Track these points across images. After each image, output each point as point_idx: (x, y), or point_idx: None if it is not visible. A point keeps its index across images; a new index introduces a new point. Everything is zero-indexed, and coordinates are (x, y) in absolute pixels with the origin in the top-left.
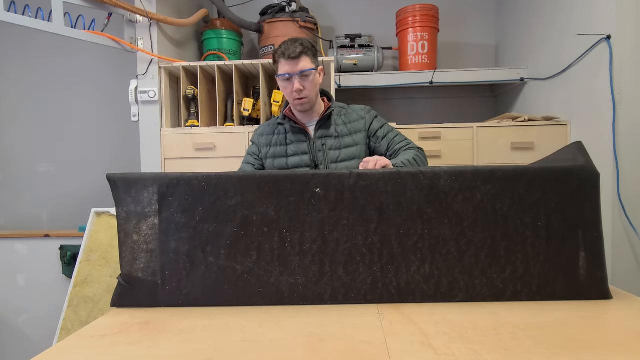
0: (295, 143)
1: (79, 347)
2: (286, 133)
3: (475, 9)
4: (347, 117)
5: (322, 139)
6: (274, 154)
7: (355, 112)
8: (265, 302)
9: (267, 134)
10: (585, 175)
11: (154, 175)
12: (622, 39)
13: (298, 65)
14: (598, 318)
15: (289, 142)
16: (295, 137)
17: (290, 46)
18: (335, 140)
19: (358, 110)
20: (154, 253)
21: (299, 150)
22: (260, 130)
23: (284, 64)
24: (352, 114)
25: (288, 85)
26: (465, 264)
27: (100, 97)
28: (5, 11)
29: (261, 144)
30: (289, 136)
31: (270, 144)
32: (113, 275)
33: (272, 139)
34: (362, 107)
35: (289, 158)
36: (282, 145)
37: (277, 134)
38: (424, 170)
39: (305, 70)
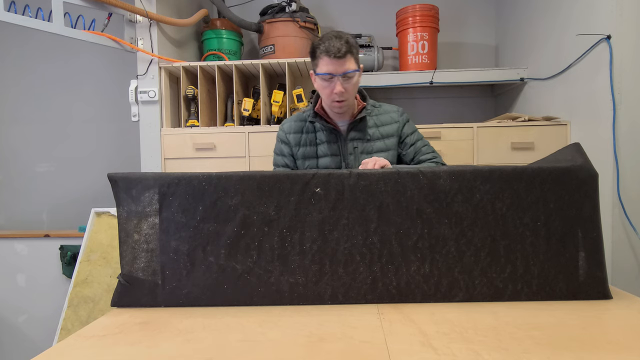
0: (326, 143)
1: (79, 347)
2: (316, 132)
3: (475, 9)
4: (379, 118)
5: (354, 141)
6: (304, 154)
7: (387, 114)
8: (266, 301)
9: (295, 132)
10: (584, 175)
11: (155, 174)
12: (622, 39)
13: (343, 66)
14: (598, 318)
15: (319, 141)
16: (326, 136)
17: (336, 43)
18: (367, 143)
19: (391, 112)
20: (154, 252)
21: (330, 151)
22: (286, 127)
23: (326, 62)
24: (384, 116)
25: (328, 86)
26: (464, 263)
27: (101, 97)
28: (5, 11)
29: (292, 143)
30: (319, 135)
31: (300, 144)
32: (113, 275)
33: (301, 138)
34: (395, 110)
35: (320, 159)
36: (312, 145)
37: (306, 132)
38: (423, 170)
39: (349, 71)
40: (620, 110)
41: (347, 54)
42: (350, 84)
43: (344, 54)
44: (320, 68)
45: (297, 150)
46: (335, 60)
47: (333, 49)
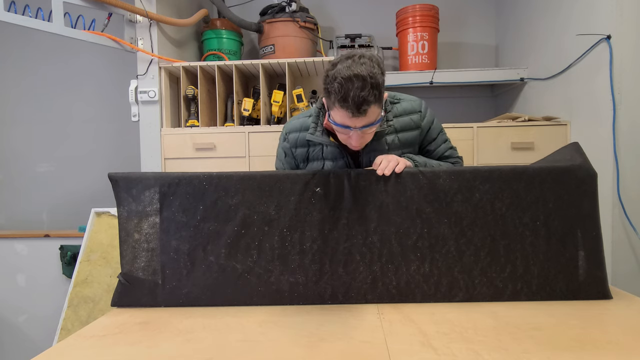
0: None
1: (79, 347)
2: (322, 146)
3: (475, 9)
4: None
5: (370, 154)
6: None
7: (408, 116)
8: (266, 301)
9: (301, 146)
10: (583, 174)
11: (156, 174)
12: (622, 39)
13: (363, 121)
14: (598, 318)
15: (325, 157)
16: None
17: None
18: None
19: (412, 114)
20: (154, 252)
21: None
22: (291, 139)
23: (341, 114)
24: (405, 119)
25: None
26: (464, 263)
27: (101, 97)
28: (5, 11)
29: (297, 158)
30: (325, 150)
31: (307, 159)
32: (113, 275)
33: (308, 152)
34: (417, 110)
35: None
36: (319, 160)
37: (313, 145)
38: (423, 170)
39: (370, 124)
40: (620, 110)
41: (370, 106)
42: (369, 133)
43: (366, 111)
44: (334, 116)
45: (304, 165)
46: (353, 117)
47: (352, 105)
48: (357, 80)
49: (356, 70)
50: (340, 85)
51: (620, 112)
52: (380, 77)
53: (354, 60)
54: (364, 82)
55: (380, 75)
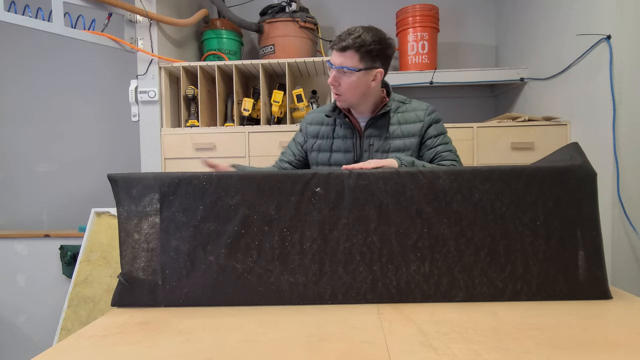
0: (342, 138)
1: (79, 347)
2: (335, 125)
3: (475, 9)
4: (404, 115)
5: (370, 138)
6: (320, 147)
7: (414, 112)
8: (266, 301)
9: (315, 123)
10: (582, 174)
11: (156, 174)
12: (622, 39)
13: (339, 59)
14: (598, 318)
15: (335, 136)
16: (343, 131)
17: (345, 35)
18: (384, 141)
19: (418, 110)
20: (154, 252)
21: (344, 147)
22: (309, 118)
23: (333, 52)
24: (410, 114)
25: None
26: (464, 263)
27: (100, 97)
28: (5, 11)
29: (309, 134)
30: (337, 129)
31: (318, 136)
32: (113, 275)
33: (320, 130)
34: (423, 108)
35: (333, 154)
36: (329, 138)
37: (326, 124)
38: (423, 170)
39: (343, 67)
40: (620, 110)
41: (347, 49)
42: (343, 80)
43: (344, 48)
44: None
45: (313, 142)
46: (334, 51)
47: (336, 39)
48: (351, 30)
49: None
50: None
51: (620, 112)
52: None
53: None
54: (355, 31)
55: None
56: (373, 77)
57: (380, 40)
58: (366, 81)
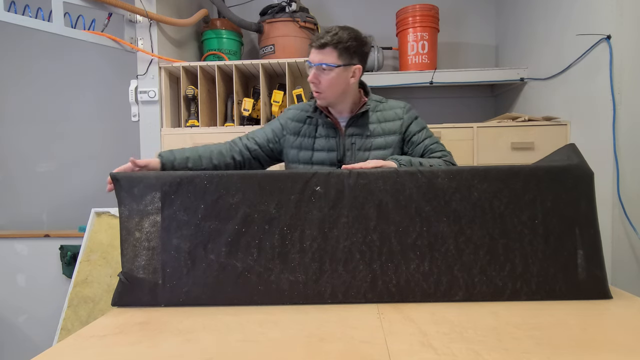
0: (324, 137)
1: (79, 347)
2: (317, 125)
3: (475, 9)
4: (383, 114)
5: (352, 137)
6: (301, 145)
7: (392, 110)
8: (266, 299)
9: (297, 121)
10: (580, 173)
11: (157, 174)
12: (622, 39)
13: (318, 56)
14: (598, 318)
15: (317, 135)
16: (325, 131)
17: (323, 34)
18: (366, 139)
19: (396, 108)
20: (155, 251)
21: (327, 146)
22: (291, 114)
23: (311, 50)
24: (389, 112)
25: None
26: (464, 261)
27: (100, 97)
28: (5, 11)
29: (288, 130)
30: (319, 129)
31: (299, 134)
32: (113, 275)
33: (302, 128)
34: (401, 106)
35: (315, 152)
36: (311, 137)
37: (308, 123)
38: (422, 169)
39: (322, 63)
40: (620, 110)
41: (326, 46)
42: (323, 77)
43: (322, 46)
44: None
45: (294, 139)
46: (313, 49)
47: (314, 38)
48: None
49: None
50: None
51: (620, 112)
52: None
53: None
54: (332, 29)
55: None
56: (352, 74)
57: (357, 37)
58: (345, 77)
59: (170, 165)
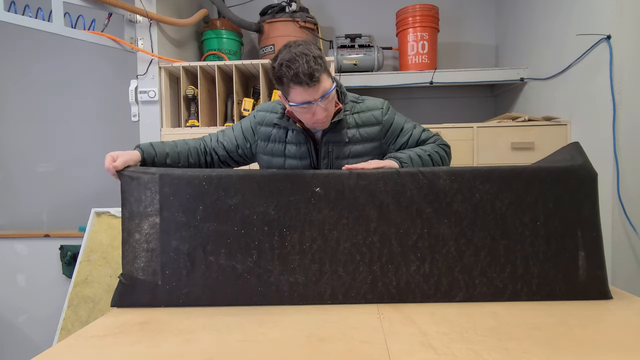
0: (295, 144)
1: (79, 347)
2: (287, 129)
3: (475, 9)
4: (360, 116)
5: (328, 144)
6: (272, 151)
7: (370, 112)
8: (265, 301)
9: (266, 125)
10: (583, 174)
11: (155, 174)
12: (622, 39)
13: (319, 90)
14: (598, 318)
15: (288, 141)
16: (296, 137)
17: (304, 66)
18: (344, 147)
19: (374, 110)
20: (154, 252)
21: (298, 153)
22: (259, 116)
23: (299, 92)
24: (366, 114)
25: (306, 112)
26: (464, 263)
27: (100, 97)
28: (5, 11)
29: (259, 135)
30: (289, 134)
31: (269, 139)
32: (113, 275)
33: (272, 133)
34: (379, 107)
35: (287, 159)
36: (281, 142)
37: (277, 127)
38: (423, 170)
39: (327, 92)
40: (620, 110)
41: (320, 74)
42: (329, 103)
43: (317, 79)
44: (293, 98)
45: (265, 145)
46: (309, 89)
47: (304, 77)
48: (300, 58)
49: (295, 51)
50: (287, 67)
51: (620, 112)
52: (318, 52)
53: (290, 46)
54: (306, 57)
55: (317, 50)
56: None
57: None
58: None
59: (150, 161)
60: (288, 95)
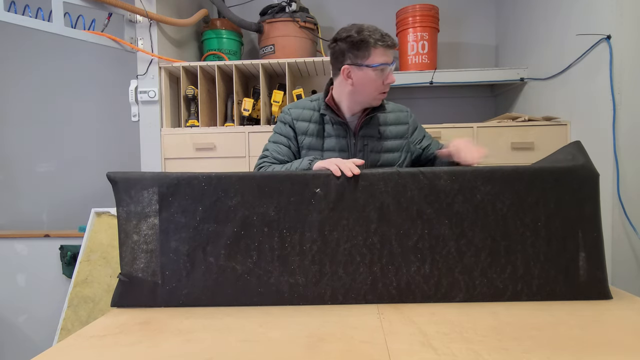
0: (334, 137)
1: (79, 347)
2: (324, 124)
3: (475, 9)
4: (388, 116)
5: (365, 138)
6: (310, 144)
7: (395, 113)
8: (265, 302)
9: (302, 120)
10: (585, 175)
11: (154, 174)
12: (622, 39)
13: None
14: (598, 318)
15: (327, 134)
16: (335, 130)
17: (384, 33)
18: (377, 142)
19: (399, 112)
20: (153, 253)
21: (338, 146)
22: (294, 113)
23: (381, 53)
24: (395, 114)
25: (379, 77)
26: (465, 264)
27: (100, 97)
28: (5, 11)
29: (297, 131)
30: (327, 128)
31: (306, 133)
32: (113, 275)
33: (309, 127)
34: (405, 112)
35: (325, 152)
36: (320, 137)
37: (314, 122)
38: (423, 170)
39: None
40: (620, 110)
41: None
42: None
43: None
44: (374, 59)
45: (302, 139)
46: (389, 50)
47: (389, 39)
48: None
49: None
50: (371, 31)
51: (620, 112)
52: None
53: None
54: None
55: None
56: None
57: None
58: None
59: None
60: (368, 57)
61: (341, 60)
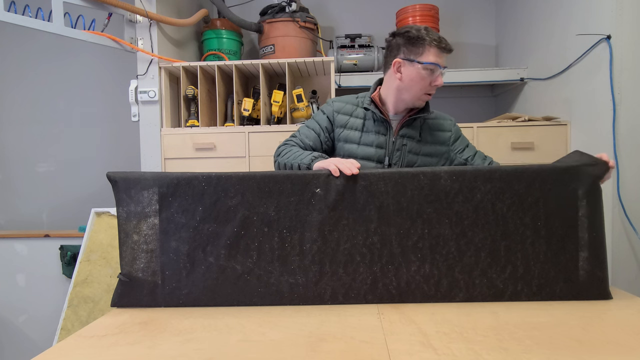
0: (373, 133)
1: (79, 347)
2: (365, 119)
3: (475, 9)
4: (432, 122)
5: (404, 138)
6: (347, 137)
7: (439, 120)
8: (265, 302)
9: (344, 113)
10: (586, 174)
11: (154, 174)
12: (622, 39)
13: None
14: (598, 318)
15: (365, 129)
16: (376, 127)
17: (442, 38)
18: (417, 144)
19: (444, 119)
20: (153, 253)
21: (376, 142)
22: (337, 105)
23: (435, 53)
24: (438, 121)
25: (428, 77)
26: (465, 263)
27: (100, 97)
28: (5, 11)
29: (336, 123)
30: (367, 123)
31: (345, 126)
32: (113, 275)
33: (349, 120)
34: (449, 120)
35: (361, 147)
36: (358, 130)
37: (355, 116)
38: (423, 170)
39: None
40: (620, 110)
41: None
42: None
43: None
44: (426, 57)
45: (340, 131)
46: (443, 53)
47: (444, 43)
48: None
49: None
50: (430, 32)
51: (620, 112)
52: None
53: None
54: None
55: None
56: None
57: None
58: None
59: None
60: (421, 54)
61: (395, 53)
